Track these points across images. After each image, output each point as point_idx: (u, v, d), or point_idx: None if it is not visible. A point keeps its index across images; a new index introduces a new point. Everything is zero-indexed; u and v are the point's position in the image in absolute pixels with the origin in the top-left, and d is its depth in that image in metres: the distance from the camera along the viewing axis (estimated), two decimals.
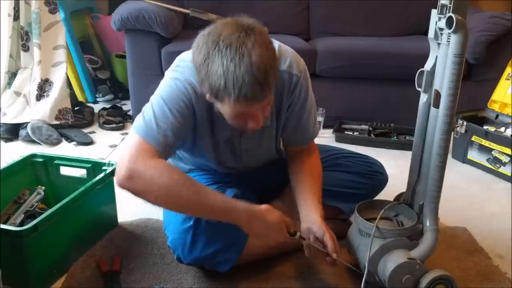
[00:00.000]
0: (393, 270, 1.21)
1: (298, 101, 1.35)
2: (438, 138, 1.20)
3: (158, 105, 1.21)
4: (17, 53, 2.58)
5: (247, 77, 1.04)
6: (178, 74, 1.24)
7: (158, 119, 1.19)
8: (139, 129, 1.20)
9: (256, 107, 1.13)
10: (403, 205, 1.36)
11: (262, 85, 1.06)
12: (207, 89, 1.10)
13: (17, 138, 2.45)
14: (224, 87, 1.05)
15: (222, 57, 1.04)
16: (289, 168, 1.47)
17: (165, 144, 1.18)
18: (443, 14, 1.14)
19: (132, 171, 1.14)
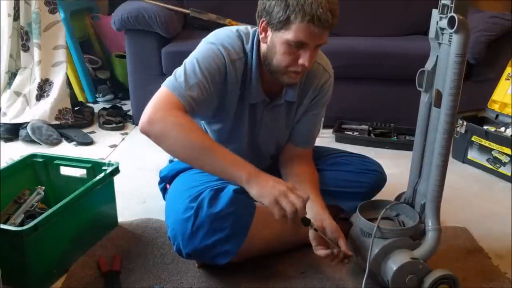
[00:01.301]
0: (396, 270, 1.21)
1: (321, 98, 1.47)
2: (439, 138, 1.20)
3: (190, 63, 1.29)
4: (17, 53, 2.58)
5: (324, 2, 1.17)
6: (214, 39, 1.33)
7: (187, 75, 1.26)
8: (168, 82, 1.28)
9: (318, 37, 1.23)
10: (404, 205, 1.37)
11: (334, 15, 1.20)
12: (280, 12, 1.20)
13: (17, 138, 2.45)
14: (302, 6, 1.17)
15: None
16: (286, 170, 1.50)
17: (191, 99, 1.25)
18: (444, 14, 1.15)
19: (154, 116, 1.21)
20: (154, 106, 1.23)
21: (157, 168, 1.65)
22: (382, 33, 2.90)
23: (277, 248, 1.46)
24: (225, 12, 2.81)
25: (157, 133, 1.21)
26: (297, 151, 1.52)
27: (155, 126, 1.21)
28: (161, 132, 1.21)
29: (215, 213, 1.27)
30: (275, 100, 1.41)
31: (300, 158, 1.51)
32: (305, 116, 1.49)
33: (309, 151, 1.55)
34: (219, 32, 1.36)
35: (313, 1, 1.17)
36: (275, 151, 1.55)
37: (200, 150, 1.22)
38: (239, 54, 1.32)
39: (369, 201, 1.41)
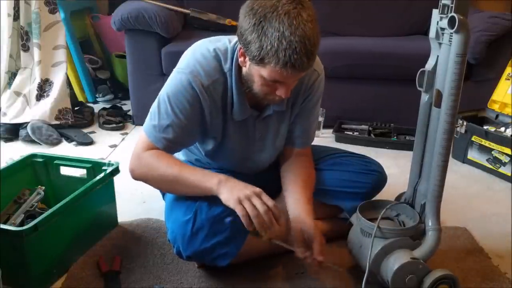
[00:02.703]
0: (397, 270, 1.21)
1: (312, 98, 1.43)
2: (440, 138, 1.20)
3: (163, 103, 1.30)
4: (17, 53, 2.58)
5: (299, 46, 1.10)
6: (185, 66, 1.30)
7: (160, 117, 1.30)
8: (145, 126, 1.34)
9: (295, 77, 1.19)
10: (404, 205, 1.37)
11: (310, 57, 1.13)
12: (255, 50, 1.14)
13: (17, 138, 2.45)
14: (276, 51, 1.11)
15: (279, 22, 1.09)
16: (282, 170, 1.50)
17: (166, 141, 1.30)
18: (444, 14, 1.15)
19: (132, 165, 1.33)
20: (133, 154, 1.34)
21: None
22: (382, 33, 2.90)
23: (277, 250, 1.45)
24: (225, 12, 2.81)
25: (140, 179, 1.34)
26: (294, 151, 1.50)
27: (135, 173, 1.33)
28: (141, 178, 1.33)
29: (214, 215, 1.28)
30: (265, 111, 1.38)
31: (297, 158, 1.50)
32: (299, 116, 1.46)
33: (306, 150, 1.53)
34: (194, 53, 1.31)
35: (287, 47, 1.10)
36: (275, 158, 1.54)
37: (173, 181, 1.29)
38: (213, 76, 1.28)
39: (369, 201, 1.41)
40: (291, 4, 1.11)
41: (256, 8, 1.13)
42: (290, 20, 1.09)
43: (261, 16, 1.11)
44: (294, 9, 1.11)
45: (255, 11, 1.13)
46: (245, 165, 1.48)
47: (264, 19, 1.11)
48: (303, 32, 1.10)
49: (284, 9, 1.10)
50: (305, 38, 1.10)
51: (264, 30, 1.11)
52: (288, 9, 1.10)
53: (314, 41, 1.12)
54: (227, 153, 1.44)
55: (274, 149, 1.49)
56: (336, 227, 1.53)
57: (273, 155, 1.51)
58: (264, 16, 1.11)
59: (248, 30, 1.14)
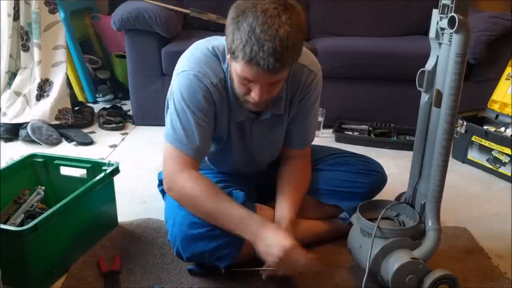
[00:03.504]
0: (397, 270, 1.21)
1: (309, 98, 1.41)
2: (440, 138, 1.20)
3: (181, 109, 1.28)
4: (17, 53, 2.58)
5: (267, 45, 1.08)
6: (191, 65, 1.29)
7: (184, 124, 1.28)
8: (171, 138, 1.30)
9: (264, 77, 1.16)
10: (404, 205, 1.36)
11: (278, 58, 1.09)
12: (229, 43, 1.14)
13: (17, 138, 2.45)
14: (243, 45, 1.09)
15: (253, 18, 1.08)
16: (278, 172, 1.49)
17: (196, 148, 1.29)
18: (444, 14, 1.14)
19: (170, 184, 1.31)
20: (167, 169, 1.31)
21: (157, 168, 1.64)
22: (382, 33, 2.90)
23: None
24: (225, 12, 2.75)
25: (176, 198, 1.32)
26: (292, 152, 1.50)
27: (173, 192, 1.31)
28: (177, 199, 1.31)
29: None
30: (262, 114, 1.37)
31: (294, 160, 1.49)
32: (297, 118, 1.44)
33: (304, 151, 1.52)
34: (195, 54, 1.31)
35: (255, 43, 1.08)
36: (274, 158, 1.53)
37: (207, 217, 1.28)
38: (219, 75, 1.29)
39: (369, 201, 1.41)
40: (274, 4, 1.10)
41: (240, 3, 1.14)
42: (265, 18, 1.08)
43: (240, 11, 1.12)
44: (274, 9, 1.09)
45: (237, 5, 1.14)
46: (246, 167, 1.49)
47: (241, 14, 1.11)
48: (275, 32, 1.08)
49: (263, 7, 1.09)
50: (276, 38, 1.08)
51: (239, 25, 1.11)
52: (267, 7, 1.09)
53: (286, 44, 1.09)
54: (228, 154, 1.44)
55: (272, 151, 1.49)
56: (335, 227, 1.53)
57: (271, 157, 1.51)
58: (243, 11, 1.11)
59: (227, 23, 1.15)
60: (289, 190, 1.43)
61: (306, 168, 1.51)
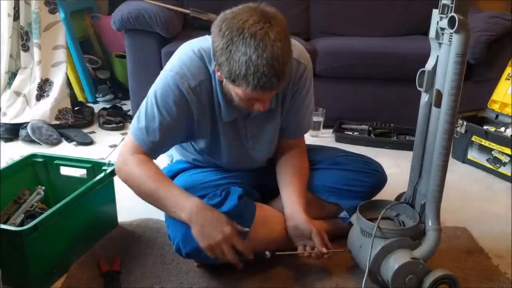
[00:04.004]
0: (397, 270, 1.21)
1: (302, 91, 1.42)
2: (440, 138, 1.20)
3: (151, 104, 1.31)
4: (17, 53, 2.58)
5: (267, 69, 1.10)
6: (172, 66, 1.32)
7: (148, 120, 1.31)
8: (132, 128, 1.34)
9: (269, 94, 1.23)
10: (404, 205, 1.36)
11: (279, 77, 1.13)
12: (226, 73, 1.15)
13: (17, 138, 2.45)
14: (244, 76, 1.11)
15: (245, 46, 1.09)
16: (276, 164, 1.51)
17: (152, 144, 1.32)
18: (444, 14, 1.14)
19: (117, 166, 1.36)
20: (120, 154, 1.36)
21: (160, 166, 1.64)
22: (382, 33, 2.90)
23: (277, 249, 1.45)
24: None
25: (123, 179, 1.36)
26: (288, 142, 1.51)
27: (120, 174, 1.36)
28: (123, 180, 1.36)
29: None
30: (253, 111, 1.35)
31: (291, 150, 1.50)
32: (291, 110, 1.45)
33: (300, 141, 1.54)
34: (181, 54, 1.33)
35: (255, 71, 1.09)
36: (271, 155, 1.54)
37: (149, 197, 1.32)
38: (200, 77, 1.28)
39: (369, 201, 1.41)
40: (258, 24, 1.10)
41: (224, 30, 1.12)
42: (257, 42, 1.08)
43: (228, 40, 1.11)
44: (261, 30, 1.09)
45: (223, 33, 1.12)
46: (241, 163, 1.49)
47: (231, 43, 1.10)
48: (270, 54, 1.09)
49: (250, 31, 1.09)
50: (273, 59, 1.09)
51: (232, 55, 1.11)
52: (254, 30, 1.09)
53: (283, 61, 1.11)
54: (221, 153, 1.44)
55: (268, 146, 1.50)
56: (335, 227, 1.53)
57: (268, 152, 1.51)
58: (231, 40, 1.10)
59: (218, 53, 1.14)
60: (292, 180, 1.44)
61: (303, 155, 1.52)
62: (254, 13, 1.12)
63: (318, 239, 1.32)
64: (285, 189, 1.44)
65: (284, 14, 1.14)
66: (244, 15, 1.12)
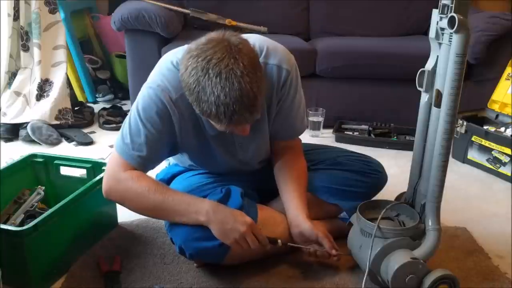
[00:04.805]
0: (397, 270, 1.21)
1: (288, 96, 1.38)
2: (439, 138, 1.20)
3: (134, 119, 1.28)
4: (17, 53, 2.58)
5: (237, 106, 1.08)
6: (153, 80, 1.29)
7: (133, 135, 1.27)
8: (117, 146, 1.30)
9: (246, 125, 1.20)
10: (404, 205, 1.36)
11: (251, 110, 1.11)
12: (198, 111, 1.15)
13: (17, 138, 2.45)
14: (216, 115, 1.11)
15: (212, 86, 1.07)
16: (274, 168, 1.49)
17: (140, 159, 1.27)
18: (444, 14, 1.14)
19: (107, 188, 1.30)
20: (107, 176, 1.30)
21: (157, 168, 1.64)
22: (382, 33, 2.90)
23: (278, 251, 1.45)
24: (225, 12, 2.81)
25: (118, 200, 1.33)
26: (283, 144, 1.49)
27: (112, 197, 1.31)
28: (119, 201, 1.33)
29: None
30: None
31: (287, 151, 1.48)
32: (280, 116, 1.41)
33: (296, 142, 1.51)
34: (160, 67, 1.31)
35: (225, 109, 1.08)
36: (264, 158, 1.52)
37: (154, 210, 1.29)
38: (180, 90, 1.21)
39: (369, 201, 1.41)
40: (223, 62, 1.07)
41: (189, 70, 1.10)
42: (223, 81, 1.06)
43: (194, 80, 1.09)
44: (225, 68, 1.07)
45: (188, 73, 1.10)
46: (235, 170, 1.48)
47: (197, 84, 1.09)
48: (238, 91, 1.07)
49: (215, 71, 1.07)
50: (242, 96, 1.07)
51: (200, 96, 1.09)
52: (219, 69, 1.07)
53: (253, 94, 1.09)
54: (213, 162, 1.43)
55: (259, 153, 1.48)
56: (335, 227, 1.53)
57: (259, 157, 1.50)
58: (197, 82, 1.09)
59: (187, 92, 1.14)
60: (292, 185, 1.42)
61: (300, 156, 1.50)
62: (218, 49, 1.08)
63: (327, 241, 1.33)
64: (285, 194, 1.42)
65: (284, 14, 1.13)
66: (208, 52, 1.08)
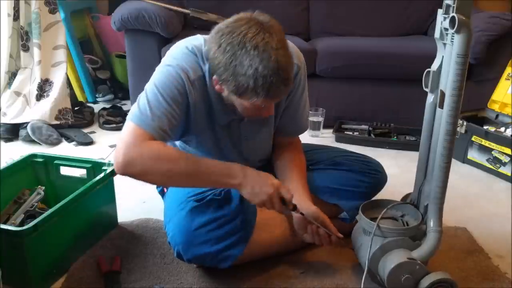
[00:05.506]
0: (392, 269, 1.21)
1: (297, 91, 1.41)
2: (442, 139, 1.19)
3: (152, 93, 1.23)
4: (17, 53, 2.58)
5: (275, 78, 1.11)
6: (170, 60, 1.27)
7: (152, 106, 1.21)
8: (133, 116, 1.22)
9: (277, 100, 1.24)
10: (410, 206, 1.36)
11: (286, 83, 1.15)
12: (232, 88, 1.15)
13: (17, 138, 2.45)
14: (253, 88, 1.12)
15: (250, 59, 1.09)
16: (275, 161, 1.51)
17: (160, 129, 1.20)
18: (447, 14, 1.14)
19: (129, 156, 1.16)
20: (126, 145, 1.18)
21: None
22: (382, 33, 2.90)
23: (278, 252, 1.46)
24: (225, 12, 2.78)
25: (139, 171, 1.18)
26: (285, 140, 1.52)
27: (134, 166, 1.17)
28: (142, 170, 1.18)
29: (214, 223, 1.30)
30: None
31: (288, 147, 1.51)
32: (287, 111, 1.44)
33: (297, 139, 1.56)
34: (176, 51, 1.30)
35: (263, 82, 1.10)
36: (265, 157, 1.54)
37: (186, 177, 1.22)
38: (197, 72, 1.25)
39: (373, 200, 1.42)
40: (258, 36, 1.10)
41: (224, 46, 1.11)
42: (261, 54, 1.09)
43: (231, 55, 1.10)
44: (262, 41, 1.09)
45: (223, 49, 1.12)
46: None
47: (234, 58, 1.10)
48: (276, 63, 1.10)
49: (252, 44, 1.09)
50: (278, 69, 1.10)
51: (238, 70, 1.11)
52: (256, 42, 1.09)
53: (287, 68, 1.13)
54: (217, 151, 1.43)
55: (263, 149, 1.50)
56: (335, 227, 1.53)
57: (262, 153, 1.52)
58: (234, 55, 1.10)
59: (221, 69, 1.14)
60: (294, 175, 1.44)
61: (299, 149, 1.54)
62: (251, 25, 1.11)
63: (332, 226, 1.34)
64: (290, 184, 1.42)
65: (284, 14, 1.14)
66: (242, 28, 1.11)
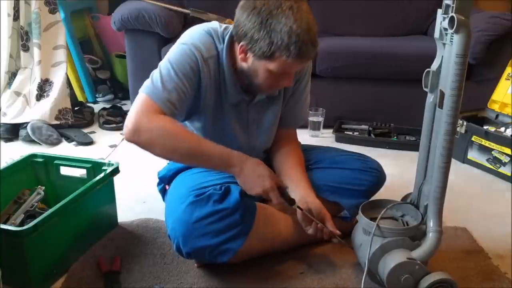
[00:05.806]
0: (392, 269, 1.21)
1: (303, 80, 1.50)
2: (441, 139, 1.19)
3: (165, 68, 1.30)
4: (17, 53, 2.58)
5: (306, 37, 1.20)
6: (186, 39, 1.35)
7: (164, 80, 1.28)
8: (145, 88, 1.30)
9: (303, 65, 1.32)
10: (409, 206, 1.36)
11: (314, 45, 1.24)
12: (265, 47, 1.21)
13: (17, 138, 2.45)
14: (286, 45, 1.19)
15: (286, 18, 1.19)
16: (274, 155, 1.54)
17: (169, 103, 1.27)
18: (446, 14, 1.14)
19: (138, 125, 1.24)
20: (136, 114, 1.26)
21: (157, 168, 1.64)
22: (382, 33, 2.90)
23: (277, 249, 1.46)
24: (225, 12, 2.80)
25: (145, 141, 1.25)
26: (284, 132, 1.56)
27: (141, 135, 1.24)
28: (148, 140, 1.25)
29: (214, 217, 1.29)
30: (257, 96, 1.42)
31: (286, 139, 1.56)
32: (292, 98, 1.51)
33: (294, 132, 1.61)
34: (191, 31, 1.37)
35: (296, 40, 1.19)
36: (269, 145, 1.56)
37: (188, 155, 1.30)
38: (211, 51, 1.33)
39: (373, 200, 1.41)
40: (290, 1, 1.20)
41: (259, 7, 1.21)
42: (295, 14, 1.19)
43: (267, 14, 1.19)
44: (295, 3, 1.20)
45: (258, 9, 1.21)
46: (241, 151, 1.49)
47: (270, 17, 1.19)
48: (307, 24, 1.20)
49: (287, 5, 1.19)
50: (309, 29, 1.20)
51: (273, 27, 1.19)
52: (290, 4, 1.19)
53: (315, 30, 1.23)
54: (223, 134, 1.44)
55: (268, 133, 1.52)
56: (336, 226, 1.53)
57: (267, 139, 1.54)
58: (270, 14, 1.19)
59: (255, 28, 1.21)
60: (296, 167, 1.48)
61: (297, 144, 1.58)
62: None
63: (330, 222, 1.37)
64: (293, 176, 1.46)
65: None
66: None
